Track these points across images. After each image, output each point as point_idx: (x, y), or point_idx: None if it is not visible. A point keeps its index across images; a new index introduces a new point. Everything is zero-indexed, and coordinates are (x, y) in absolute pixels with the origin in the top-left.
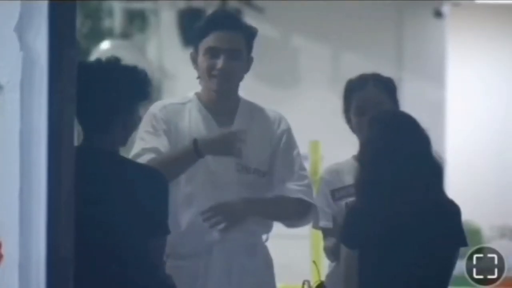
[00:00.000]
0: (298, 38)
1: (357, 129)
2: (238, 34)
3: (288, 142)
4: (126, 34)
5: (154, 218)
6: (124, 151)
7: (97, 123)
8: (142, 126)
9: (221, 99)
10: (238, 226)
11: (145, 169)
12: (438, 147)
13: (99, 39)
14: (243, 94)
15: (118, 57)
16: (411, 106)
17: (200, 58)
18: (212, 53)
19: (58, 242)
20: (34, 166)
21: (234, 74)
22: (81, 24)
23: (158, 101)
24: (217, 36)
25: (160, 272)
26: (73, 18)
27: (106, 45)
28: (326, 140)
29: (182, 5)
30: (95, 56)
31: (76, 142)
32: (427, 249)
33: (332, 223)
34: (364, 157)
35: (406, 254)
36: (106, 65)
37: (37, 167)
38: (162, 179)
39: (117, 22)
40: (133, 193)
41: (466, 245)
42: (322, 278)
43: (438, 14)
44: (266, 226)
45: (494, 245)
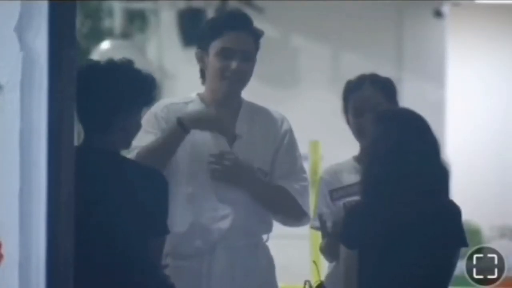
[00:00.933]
0: (298, 38)
1: (355, 129)
2: (249, 35)
3: (290, 143)
4: (126, 34)
5: (154, 218)
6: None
7: (99, 123)
8: (143, 125)
9: (226, 100)
10: (232, 182)
11: (145, 169)
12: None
13: (99, 39)
14: (243, 93)
15: (130, 59)
16: (411, 106)
17: (211, 59)
18: (225, 54)
19: (58, 242)
20: (34, 166)
21: (246, 76)
22: (81, 24)
23: (159, 100)
24: (231, 36)
25: (159, 271)
26: (73, 18)
27: (106, 45)
28: (326, 140)
29: (182, 5)
30: (96, 56)
31: (76, 142)
32: (428, 249)
33: (329, 223)
34: (367, 156)
35: (406, 255)
36: (115, 66)
37: (37, 167)
38: (162, 179)
39: (117, 22)
40: (133, 193)
41: (466, 245)
42: (322, 278)
43: (438, 14)
44: (267, 226)
45: (494, 245)
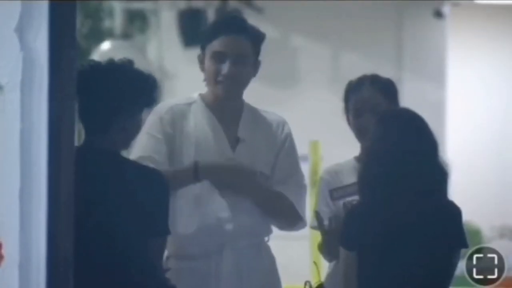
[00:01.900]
0: (297, 38)
1: (355, 130)
2: (246, 39)
3: (290, 146)
4: (126, 35)
5: (154, 218)
6: (125, 151)
7: (100, 123)
8: (147, 127)
9: (226, 103)
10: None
11: (145, 169)
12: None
13: (99, 40)
14: (243, 93)
15: (131, 59)
16: (411, 106)
17: (206, 62)
18: (218, 57)
19: (58, 242)
20: (34, 166)
21: (239, 80)
22: (81, 24)
23: (162, 101)
24: (224, 40)
25: (159, 272)
26: (73, 18)
27: (106, 45)
28: (326, 140)
29: (183, 5)
30: (96, 56)
31: (76, 142)
32: (427, 250)
33: (328, 223)
34: (366, 156)
35: (406, 256)
36: (116, 66)
37: (37, 167)
38: (162, 180)
39: (117, 22)
40: (133, 193)
41: (466, 246)
42: (322, 278)
43: (438, 14)
44: (269, 227)
45: (494, 245)
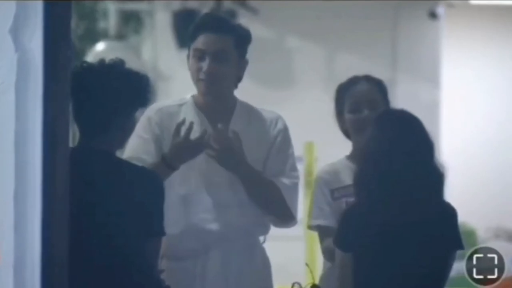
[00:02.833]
0: (292, 38)
1: (352, 127)
2: (227, 37)
3: (282, 141)
4: (121, 35)
5: (150, 219)
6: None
7: (95, 124)
8: (137, 129)
9: (213, 102)
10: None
11: (140, 170)
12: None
13: (94, 40)
14: (237, 94)
15: (122, 59)
16: (406, 107)
17: (190, 60)
18: (199, 55)
19: (53, 243)
20: (29, 167)
21: (220, 77)
22: (76, 25)
23: (154, 103)
24: (204, 38)
25: (156, 273)
26: (68, 19)
27: (101, 46)
28: (321, 141)
29: (177, 6)
30: (90, 57)
31: (71, 143)
32: (423, 251)
33: (329, 222)
34: (364, 156)
35: (401, 257)
36: (109, 66)
37: (32, 168)
38: (158, 180)
39: (111, 23)
40: (129, 194)
41: (462, 248)
42: (316, 280)
43: (433, 15)
44: (263, 227)
45: (488, 244)
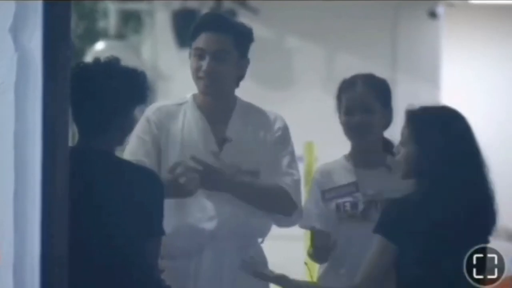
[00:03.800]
0: (292, 38)
1: (345, 129)
2: (227, 36)
3: (282, 139)
4: (120, 35)
5: (150, 219)
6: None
7: (94, 124)
8: (136, 129)
9: (213, 101)
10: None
11: (140, 169)
12: None
13: (94, 40)
14: (237, 94)
15: (118, 57)
16: (406, 106)
17: (190, 59)
18: (199, 54)
19: (53, 243)
20: (29, 166)
21: (220, 76)
22: (75, 24)
23: (154, 103)
24: (204, 37)
25: (155, 272)
26: (67, 18)
27: (100, 45)
28: (321, 141)
29: (177, 6)
30: (90, 56)
31: (71, 143)
32: (467, 244)
33: (319, 224)
34: (418, 150)
35: (447, 250)
36: (105, 65)
37: (31, 168)
38: (157, 180)
39: (111, 22)
40: (129, 193)
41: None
42: (315, 279)
43: (433, 15)
44: (260, 228)
45: (489, 245)
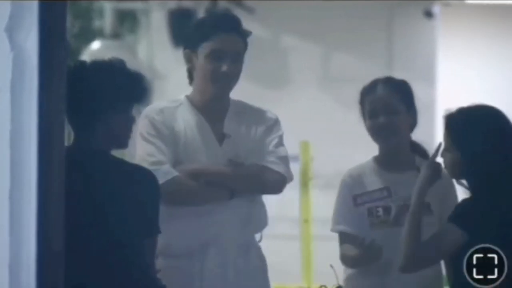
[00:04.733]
0: (288, 38)
1: (370, 133)
2: (238, 36)
3: (270, 127)
4: (116, 35)
5: (146, 218)
6: (123, 153)
7: (86, 123)
8: (143, 133)
9: (216, 102)
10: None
11: (136, 168)
12: (428, 147)
13: (90, 39)
14: (233, 93)
15: (117, 57)
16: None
17: (200, 60)
18: (216, 56)
19: (49, 242)
20: (25, 166)
21: (236, 77)
22: (71, 24)
23: (151, 104)
24: (221, 38)
25: (151, 271)
26: (63, 18)
27: (96, 45)
28: (317, 140)
29: (173, 5)
30: (86, 56)
31: (66, 142)
32: None
33: (350, 228)
34: (475, 155)
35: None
36: (95, 64)
37: (27, 167)
38: (153, 178)
39: (107, 22)
40: (124, 192)
41: None
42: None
43: (429, 14)
44: (258, 225)
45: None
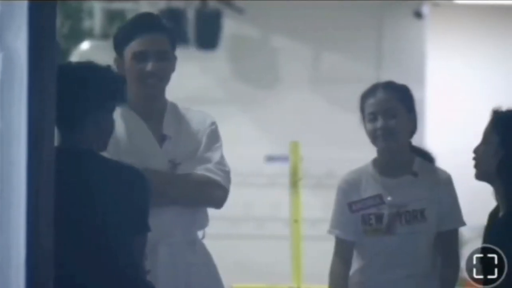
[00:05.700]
0: (278, 38)
1: (369, 136)
2: (163, 36)
3: (212, 133)
4: (106, 35)
5: (135, 216)
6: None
7: (70, 122)
8: None
9: (151, 102)
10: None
11: (124, 167)
12: (417, 145)
13: (79, 40)
14: (224, 94)
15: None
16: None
17: (127, 63)
18: (140, 57)
19: (38, 242)
20: (14, 166)
21: (164, 75)
22: (61, 24)
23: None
24: (143, 39)
25: (141, 270)
26: (53, 18)
27: (86, 45)
28: (306, 140)
29: (162, 5)
30: (75, 56)
31: (56, 142)
32: None
33: (345, 234)
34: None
35: None
36: (75, 65)
37: (16, 167)
38: (141, 177)
39: (97, 22)
40: (113, 191)
41: None
42: (301, 279)
43: (418, 15)
44: (201, 222)
45: (473, 245)
